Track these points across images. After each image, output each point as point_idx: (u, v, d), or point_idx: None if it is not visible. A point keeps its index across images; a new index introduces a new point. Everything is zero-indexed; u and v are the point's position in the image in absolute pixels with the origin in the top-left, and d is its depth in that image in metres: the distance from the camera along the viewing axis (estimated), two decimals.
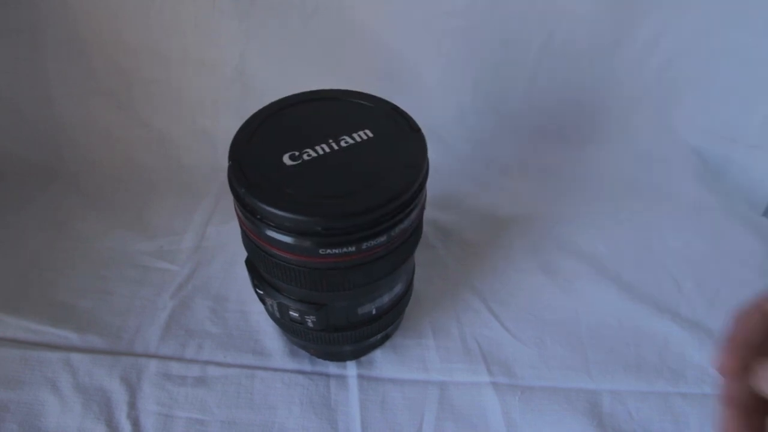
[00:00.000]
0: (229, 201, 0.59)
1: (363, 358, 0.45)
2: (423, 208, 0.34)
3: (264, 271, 0.36)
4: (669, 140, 0.66)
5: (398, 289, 0.38)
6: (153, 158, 0.62)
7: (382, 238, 0.31)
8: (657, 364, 0.45)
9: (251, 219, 0.31)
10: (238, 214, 0.34)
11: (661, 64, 0.62)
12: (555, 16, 0.59)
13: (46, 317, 0.47)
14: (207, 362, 0.45)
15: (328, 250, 0.30)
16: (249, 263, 0.39)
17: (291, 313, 0.37)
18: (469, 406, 0.43)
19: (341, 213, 0.30)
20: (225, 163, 0.62)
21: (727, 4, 0.57)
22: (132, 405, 0.42)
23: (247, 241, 0.34)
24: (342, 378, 0.44)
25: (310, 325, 0.37)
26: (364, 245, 0.31)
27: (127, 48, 0.59)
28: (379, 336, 0.42)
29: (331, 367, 0.45)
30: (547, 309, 0.49)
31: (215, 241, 0.54)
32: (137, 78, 0.60)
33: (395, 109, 0.37)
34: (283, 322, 0.39)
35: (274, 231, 0.31)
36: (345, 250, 0.31)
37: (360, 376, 0.44)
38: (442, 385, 0.44)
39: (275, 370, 0.44)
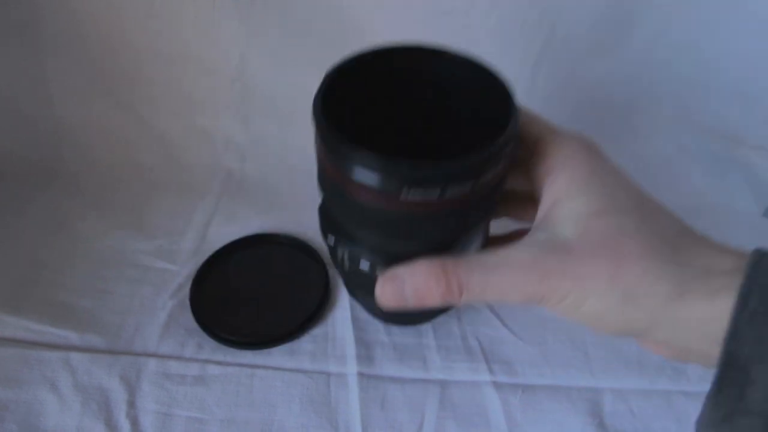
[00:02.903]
0: (229, 201, 0.59)
1: (363, 357, 0.45)
2: (507, 166, 0.32)
3: (339, 216, 0.35)
4: (669, 140, 0.66)
5: (474, 248, 0.37)
6: (153, 158, 0.62)
7: (466, 186, 0.30)
8: (659, 362, 0.45)
9: (333, 154, 0.31)
10: (319, 152, 0.33)
11: (662, 63, 0.62)
12: (555, 16, 0.59)
13: (46, 317, 0.47)
14: (206, 361, 0.45)
15: (411, 193, 0.29)
16: (322, 209, 0.38)
17: (362, 263, 0.35)
18: (470, 404, 0.43)
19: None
20: (225, 162, 0.63)
21: (729, 3, 0.57)
22: (131, 404, 0.41)
23: (325, 180, 0.33)
24: (342, 376, 0.44)
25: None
26: (448, 192, 0.29)
27: (128, 48, 0.59)
28: None
29: (331, 366, 0.45)
30: None
31: (215, 241, 0.54)
32: (137, 78, 0.60)
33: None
34: (351, 274, 0.37)
35: (358, 168, 0.30)
36: (428, 193, 0.29)
37: (360, 374, 0.44)
38: (442, 384, 0.44)
39: (275, 368, 0.44)
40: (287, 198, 0.59)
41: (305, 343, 0.46)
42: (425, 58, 0.36)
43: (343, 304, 0.49)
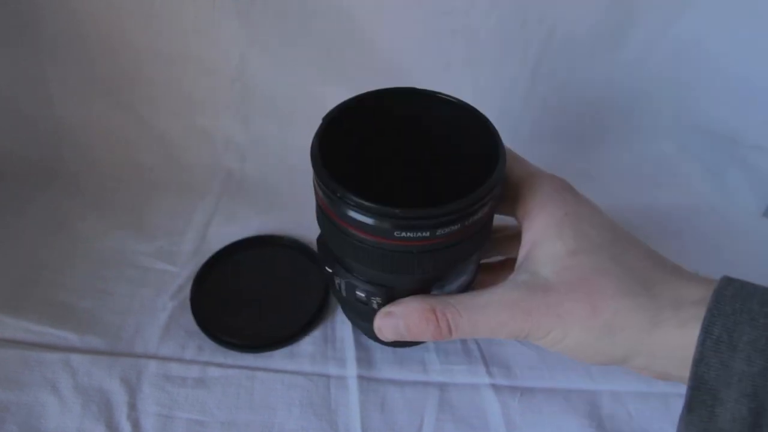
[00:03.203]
0: (229, 201, 0.59)
1: (363, 359, 0.45)
2: (495, 204, 0.35)
3: (336, 250, 0.37)
4: (669, 140, 0.66)
5: (464, 279, 0.39)
6: (153, 158, 0.62)
7: (456, 227, 0.32)
8: None
9: (330, 197, 0.32)
10: (317, 193, 0.35)
11: (661, 63, 0.62)
12: (555, 16, 0.59)
13: (46, 317, 0.47)
14: (207, 363, 0.45)
15: (403, 233, 0.31)
16: (320, 242, 0.40)
17: (358, 293, 0.38)
18: (468, 407, 0.43)
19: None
20: (225, 162, 0.63)
21: (729, 3, 0.57)
22: (132, 406, 0.42)
23: (323, 219, 0.35)
24: (342, 379, 0.44)
25: (375, 306, 0.38)
26: (438, 232, 0.32)
27: (128, 48, 0.59)
28: None
29: (331, 368, 0.45)
30: None
31: (215, 241, 0.54)
32: (137, 78, 0.60)
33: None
34: (348, 301, 0.39)
35: (353, 211, 0.32)
36: (419, 234, 0.31)
37: (360, 377, 0.44)
38: (441, 386, 0.44)
39: (275, 371, 0.44)
40: (287, 198, 0.59)
41: (305, 345, 0.46)
42: (417, 100, 0.39)
43: None
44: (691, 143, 0.66)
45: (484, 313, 0.33)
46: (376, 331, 0.37)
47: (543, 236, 0.34)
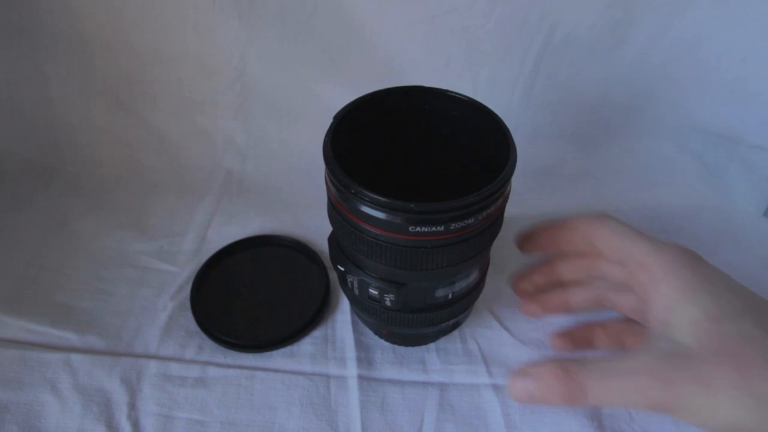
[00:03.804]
0: (229, 201, 0.59)
1: (363, 359, 0.45)
2: (506, 198, 0.35)
3: (350, 247, 0.37)
4: (669, 140, 0.66)
5: (474, 276, 0.39)
6: (153, 158, 0.62)
7: (469, 221, 0.32)
8: None
9: (344, 194, 0.32)
10: (329, 190, 0.35)
11: (661, 63, 0.62)
12: (555, 16, 0.59)
13: (46, 318, 0.47)
14: (207, 363, 0.45)
15: (418, 228, 0.31)
16: (332, 240, 0.40)
17: (371, 290, 0.38)
18: (469, 407, 0.43)
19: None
20: (225, 163, 0.63)
21: (729, 3, 0.57)
22: (132, 406, 0.42)
23: (336, 216, 0.35)
24: (342, 379, 0.44)
25: (388, 304, 0.38)
26: (453, 226, 0.32)
27: (128, 48, 0.59)
28: (450, 322, 0.42)
29: (331, 368, 0.45)
30: None
31: (215, 242, 0.54)
32: (137, 78, 0.60)
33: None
34: (360, 300, 0.40)
35: (368, 207, 0.32)
36: (434, 229, 0.32)
37: (360, 377, 0.44)
38: (442, 386, 0.44)
39: (275, 371, 0.44)
40: (287, 198, 0.59)
41: (305, 345, 0.46)
42: (426, 98, 0.39)
43: (344, 306, 0.49)
44: (691, 143, 0.66)
45: (620, 378, 0.31)
46: (510, 391, 0.34)
47: (678, 302, 0.32)
